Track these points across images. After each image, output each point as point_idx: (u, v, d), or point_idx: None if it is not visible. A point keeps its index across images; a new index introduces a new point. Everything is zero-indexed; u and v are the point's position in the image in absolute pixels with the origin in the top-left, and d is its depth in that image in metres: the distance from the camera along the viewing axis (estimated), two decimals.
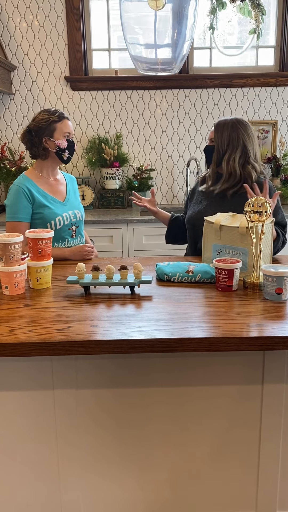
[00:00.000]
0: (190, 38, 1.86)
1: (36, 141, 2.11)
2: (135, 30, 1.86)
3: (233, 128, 2.03)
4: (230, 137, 2.03)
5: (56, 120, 2.10)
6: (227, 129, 2.03)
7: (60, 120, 2.11)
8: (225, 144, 2.04)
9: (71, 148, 2.15)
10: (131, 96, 3.64)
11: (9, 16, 3.49)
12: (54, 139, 2.09)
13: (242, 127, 2.05)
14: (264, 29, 3.49)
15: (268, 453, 1.53)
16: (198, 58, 3.69)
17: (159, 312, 1.44)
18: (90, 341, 1.24)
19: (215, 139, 2.07)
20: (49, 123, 2.09)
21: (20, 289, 1.61)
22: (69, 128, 2.14)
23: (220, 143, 2.04)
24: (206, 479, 1.55)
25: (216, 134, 2.06)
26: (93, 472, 1.53)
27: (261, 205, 1.62)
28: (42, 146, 2.11)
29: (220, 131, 2.05)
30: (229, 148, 2.04)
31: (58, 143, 2.10)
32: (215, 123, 2.10)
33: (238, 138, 2.03)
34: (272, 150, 3.73)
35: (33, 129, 2.10)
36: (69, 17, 3.50)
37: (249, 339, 1.26)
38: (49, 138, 2.09)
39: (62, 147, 2.10)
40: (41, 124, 2.09)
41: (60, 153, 2.12)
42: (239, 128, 2.04)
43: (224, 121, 2.07)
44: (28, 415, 1.48)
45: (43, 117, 2.10)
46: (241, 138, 2.03)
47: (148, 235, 3.22)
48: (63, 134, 2.11)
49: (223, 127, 2.05)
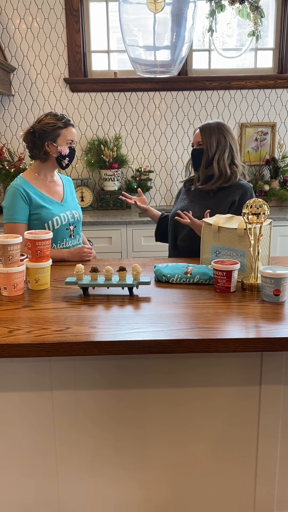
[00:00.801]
0: (189, 40, 1.87)
1: (38, 144, 2.10)
2: (134, 32, 1.87)
3: (219, 130, 2.12)
4: (218, 139, 2.12)
5: (61, 126, 2.09)
6: (214, 132, 2.12)
7: (66, 126, 2.10)
8: (214, 146, 2.12)
9: (71, 155, 2.15)
10: (130, 98, 3.65)
11: (8, 17, 3.50)
12: (56, 145, 2.09)
13: (227, 129, 2.15)
14: (263, 32, 3.50)
15: (266, 453, 1.53)
16: (197, 60, 3.70)
17: (157, 313, 1.44)
18: (88, 342, 1.25)
19: (203, 142, 2.13)
20: (55, 128, 2.08)
21: (19, 290, 1.62)
22: (73, 135, 2.14)
23: (209, 145, 2.12)
24: (204, 480, 1.56)
25: (204, 137, 2.13)
26: (92, 473, 1.54)
27: (259, 207, 1.63)
28: (43, 150, 2.11)
29: (208, 134, 2.12)
30: (218, 150, 2.12)
31: (60, 150, 2.10)
32: (200, 127, 2.17)
33: (225, 139, 2.12)
34: (271, 152, 3.74)
35: (37, 131, 2.10)
36: (68, 18, 3.51)
37: (247, 341, 1.26)
38: (51, 143, 2.09)
39: (64, 154, 2.11)
40: (46, 128, 2.08)
41: (60, 159, 2.12)
42: (224, 131, 2.14)
43: (209, 124, 2.15)
44: (26, 416, 1.48)
45: (50, 121, 2.09)
46: (228, 139, 2.13)
47: (147, 237, 3.22)
48: (67, 141, 2.11)
49: (209, 130, 2.13)
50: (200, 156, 2.15)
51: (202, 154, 2.14)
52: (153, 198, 3.82)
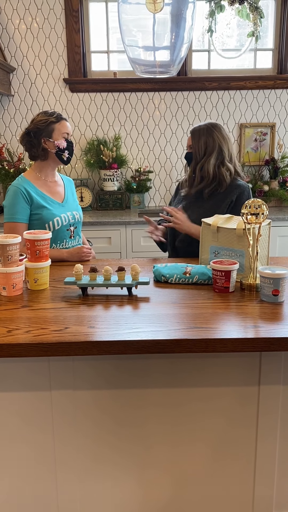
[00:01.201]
0: (188, 40, 1.87)
1: (35, 143, 2.11)
2: (133, 32, 1.87)
3: (208, 132, 2.11)
4: (206, 142, 2.11)
5: (54, 121, 2.10)
6: (203, 134, 2.11)
7: (58, 121, 2.11)
8: (203, 150, 2.12)
9: (70, 148, 2.15)
10: (130, 98, 3.66)
11: (8, 18, 3.50)
12: (53, 140, 2.10)
13: (217, 130, 2.13)
14: (262, 32, 3.51)
15: (264, 454, 1.53)
16: (197, 61, 3.70)
17: (156, 313, 1.44)
18: (87, 342, 1.25)
19: (192, 146, 2.14)
20: (48, 124, 2.10)
21: (18, 290, 1.62)
22: (67, 128, 2.15)
23: (198, 149, 2.12)
24: (203, 480, 1.56)
25: (193, 140, 2.13)
26: (91, 473, 1.54)
27: (258, 207, 1.63)
28: (41, 147, 2.11)
29: (197, 137, 2.12)
30: (206, 153, 2.11)
31: (57, 144, 2.10)
32: (191, 130, 2.17)
33: (213, 141, 2.11)
34: (270, 152, 3.74)
35: (32, 131, 2.11)
36: (68, 19, 3.51)
37: (246, 341, 1.26)
38: (48, 139, 2.10)
39: (62, 147, 2.11)
40: (40, 125, 2.10)
41: (60, 153, 2.12)
42: (213, 132, 2.11)
43: (199, 127, 2.15)
44: (25, 416, 1.48)
45: (41, 118, 2.11)
46: (217, 141, 2.11)
47: (146, 237, 3.21)
48: (62, 134, 2.12)
49: (198, 133, 2.12)
50: (191, 159, 2.16)
51: (191, 156, 2.14)
52: (153, 198, 3.82)
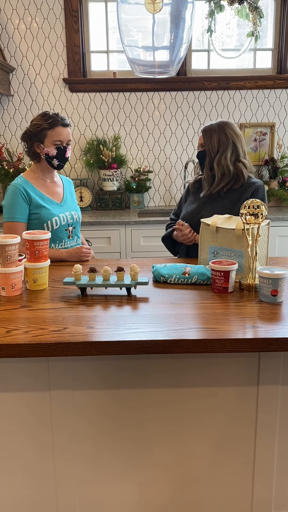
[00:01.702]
0: (187, 40, 1.87)
1: (29, 145, 2.12)
2: (132, 33, 1.87)
3: (220, 129, 2.10)
4: (219, 139, 2.09)
5: (46, 127, 2.06)
6: (215, 132, 2.10)
7: (51, 127, 2.06)
8: (216, 146, 2.10)
9: (60, 156, 2.11)
10: (129, 98, 3.66)
11: (7, 18, 3.50)
12: (43, 146, 2.09)
13: (229, 126, 2.12)
14: (262, 32, 3.51)
15: (263, 453, 1.53)
16: (196, 61, 3.70)
17: (155, 313, 1.44)
18: (86, 342, 1.25)
19: (205, 144, 2.13)
20: (40, 130, 2.07)
21: (17, 290, 1.62)
22: (61, 136, 2.09)
23: (211, 146, 2.10)
24: (202, 480, 1.56)
25: (206, 138, 2.12)
26: (90, 474, 1.54)
27: (257, 207, 1.63)
28: (32, 151, 2.12)
29: (209, 134, 2.11)
30: (220, 149, 2.10)
31: (46, 151, 2.09)
32: (202, 129, 2.17)
33: (227, 138, 2.10)
34: (270, 152, 3.74)
35: (27, 132, 2.12)
36: (67, 19, 3.51)
37: (244, 341, 1.26)
38: (39, 144, 2.09)
39: (51, 155, 2.09)
40: (33, 129, 2.09)
41: (49, 160, 2.11)
42: (226, 128, 2.10)
43: (210, 125, 2.14)
44: (24, 416, 1.48)
45: (36, 122, 2.09)
46: (230, 137, 2.10)
47: (146, 237, 3.23)
48: (53, 142, 2.08)
49: (210, 131, 2.11)
50: (204, 158, 2.14)
51: (205, 155, 2.13)
52: (152, 198, 3.82)
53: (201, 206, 2.18)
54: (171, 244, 2.30)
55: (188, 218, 2.19)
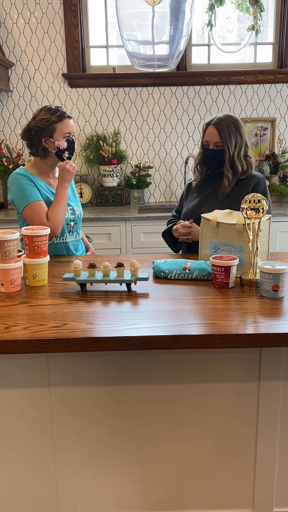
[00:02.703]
0: (187, 34, 1.85)
1: (35, 141, 2.08)
2: (131, 26, 1.85)
3: (236, 128, 2.08)
4: (236, 138, 2.08)
5: (56, 120, 2.05)
6: (232, 132, 2.07)
7: (60, 120, 2.06)
8: (233, 146, 2.08)
9: (71, 148, 2.11)
10: (129, 93, 3.63)
11: (6, 12, 3.48)
12: (53, 140, 2.07)
13: (241, 125, 2.11)
14: (262, 26, 3.48)
15: (265, 450, 1.52)
16: (196, 55, 3.68)
17: (155, 309, 1.43)
18: (86, 338, 1.24)
19: (223, 142, 2.07)
20: (49, 124, 2.05)
21: (16, 286, 1.61)
22: (70, 128, 2.10)
23: (230, 146, 2.07)
24: (204, 476, 1.55)
25: (223, 137, 2.06)
26: (90, 470, 1.53)
27: (258, 202, 1.62)
28: (41, 147, 2.09)
29: (226, 133, 2.06)
30: (236, 148, 2.09)
31: (57, 144, 2.07)
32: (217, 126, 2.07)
33: (241, 137, 2.10)
34: (271, 147, 3.72)
35: (33, 129, 2.07)
36: (66, 13, 3.49)
37: (245, 336, 1.25)
38: (48, 138, 2.07)
39: (62, 148, 2.08)
40: (41, 124, 2.05)
41: (60, 153, 2.10)
42: (239, 127, 2.10)
43: (225, 122, 2.07)
44: (24, 413, 1.48)
45: (43, 117, 2.06)
46: (244, 137, 2.11)
47: (146, 233, 3.21)
48: (63, 134, 2.07)
49: (228, 130, 2.06)
50: (219, 156, 2.09)
51: (223, 154, 2.08)
52: (152, 194, 3.80)
53: (204, 200, 2.16)
54: (172, 240, 2.29)
55: (191, 214, 2.17)
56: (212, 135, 2.09)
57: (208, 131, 2.10)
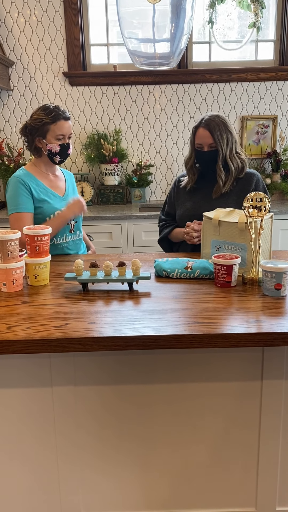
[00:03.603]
0: (188, 31, 1.84)
1: (29, 139, 2.09)
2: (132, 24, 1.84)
3: (225, 126, 2.10)
4: (227, 137, 2.10)
5: (49, 121, 2.02)
6: (223, 130, 2.08)
7: (54, 121, 2.03)
8: (225, 146, 2.09)
9: (63, 152, 2.09)
10: (130, 91, 3.62)
11: (6, 11, 3.47)
12: (46, 142, 2.05)
13: (229, 123, 2.13)
14: (263, 23, 3.46)
15: (267, 449, 1.52)
16: (197, 53, 3.67)
17: (157, 308, 1.43)
18: (88, 338, 1.24)
19: (217, 143, 2.07)
20: (42, 124, 2.03)
21: (18, 286, 1.61)
22: (64, 130, 2.06)
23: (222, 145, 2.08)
24: (207, 475, 1.55)
25: (216, 137, 2.07)
26: (93, 470, 1.53)
27: (260, 200, 1.61)
28: (34, 146, 2.09)
29: (218, 133, 2.08)
30: (228, 147, 2.11)
31: (49, 147, 2.05)
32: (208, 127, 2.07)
33: (232, 135, 2.12)
34: (272, 145, 3.71)
35: (28, 127, 2.08)
36: (67, 12, 3.48)
37: (248, 336, 1.25)
38: (42, 139, 2.06)
39: (54, 151, 2.06)
40: (35, 124, 2.04)
41: (51, 156, 2.09)
42: (228, 126, 2.12)
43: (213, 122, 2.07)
44: (26, 412, 1.48)
45: (38, 116, 2.04)
46: (233, 135, 2.13)
47: (148, 231, 3.21)
48: (56, 136, 2.04)
49: (219, 129, 2.08)
50: (214, 157, 2.09)
51: (217, 155, 2.08)
52: (154, 193, 3.80)
53: (203, 201, 2.14)
54: (169, 245, 2.30)
55: (192, 215, 2.12)
56: (205, 137, 2.08)
57: (200, 134, 2.09)
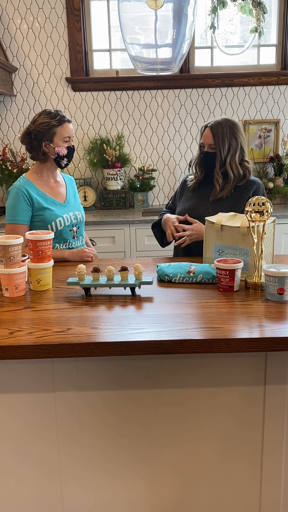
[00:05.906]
0: (190, 37, 1.84)
1: (35, 145, 2.08)
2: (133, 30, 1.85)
3: (231, 132, 2.08)
4: (229, 143, 2.08)
5: (56, 124, 2.05)
6: (226, 135, 2.08)
7: (60, 124, 2.06)
8: (226, 150, 2.09)
9: (70, 155, 2.11)
10: (133, 97, 3.64)
11: (9, 17, 3.49)
12: (53, 145, 2.06)
13: (237, 129, 2.11)
14: (265, 28, 3.47)
15: (271, 453, 1.51)
16: (200, 58, 3.68)
17: (159, 313, 1.43)
18: (90, 343, 1.24)
19: (216, 145, 2.09)
20: (49, 128, 2.05)
21: (21, 291, 1.61)
22: (70, 131, 2.10)
23: (222, 149, 2.08)
24: (210, 480, 1.54)
25: (217, 141, 2.08)
26: (96, 474, 1.52)
27: (262, 204, 1.61)
28: (41, 151, 2.09)
29: (220, 137, 2.07)
30: (230, 153, 2.09)
31: (57, 150, 2.07)
32: (212, 128, 2.09)
33: (236, 141, 2.10)
34: (275, 149, 3.71)
35: (33, 132, 2.07)
36: (69, 18, 3.50)
37: (250, 340, 1.24)
38: (49, 143, 2.07)
39: (62, 154, 2.08)
40: (41, 128, 2.05)
41: (59, 160, 2.10)
42: (235, 132, 2.10)
43: (221, 125, 2.09)
44: (29, 418, 1.47)
45: (43, 120, 2.06)
46: (239, 141, 2.10)
47: (150, 236, 3.19)
48: (63, 138, 2.07)
49: (222, 134, 2.07)
50: (212, 159, 2.10)
51: (215, 157, 2.09)
52: (156, 197, 3.80)
53: (201, 202, 2.16)
54: (159, 233, 2.29)
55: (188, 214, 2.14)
56: (207, 138, 2.12)
57: (205, 134, 2.14)
